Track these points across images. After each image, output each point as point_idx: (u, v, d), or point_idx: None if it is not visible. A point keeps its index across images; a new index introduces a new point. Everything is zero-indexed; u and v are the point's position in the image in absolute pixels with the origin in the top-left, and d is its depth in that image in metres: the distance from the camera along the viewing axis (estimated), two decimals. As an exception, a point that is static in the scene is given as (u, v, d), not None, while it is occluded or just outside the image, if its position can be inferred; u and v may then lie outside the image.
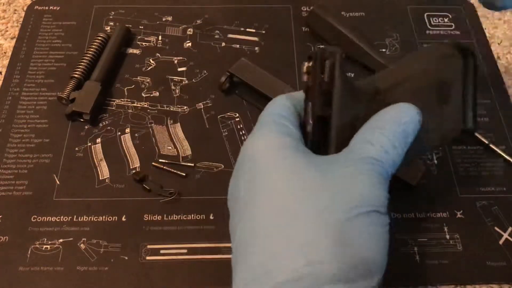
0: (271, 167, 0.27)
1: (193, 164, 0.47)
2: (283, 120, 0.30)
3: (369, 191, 0.27)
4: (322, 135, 0.29)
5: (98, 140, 0.48)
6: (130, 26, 0.56)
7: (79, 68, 0.51)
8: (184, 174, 0.46)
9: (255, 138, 0.30)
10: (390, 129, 0.29)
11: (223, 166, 0.47)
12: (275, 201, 0.26)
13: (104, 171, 0.46)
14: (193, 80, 0.53)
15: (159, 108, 0.51)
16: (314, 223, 0.25)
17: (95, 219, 0.44)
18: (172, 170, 0.46)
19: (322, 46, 0.30)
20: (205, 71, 0.53)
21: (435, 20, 0.59)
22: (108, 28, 0.57)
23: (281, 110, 0.30)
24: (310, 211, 0.25)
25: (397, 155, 0.29)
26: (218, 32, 0.57)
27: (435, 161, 0.47)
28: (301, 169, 0.27)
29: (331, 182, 0.26)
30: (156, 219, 0.44)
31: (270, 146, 0.28)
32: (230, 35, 0.57)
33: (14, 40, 0.56)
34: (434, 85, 0.33)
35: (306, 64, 0.30)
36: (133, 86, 0.52)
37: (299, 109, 0.31)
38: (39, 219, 0.44)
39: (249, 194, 0.28)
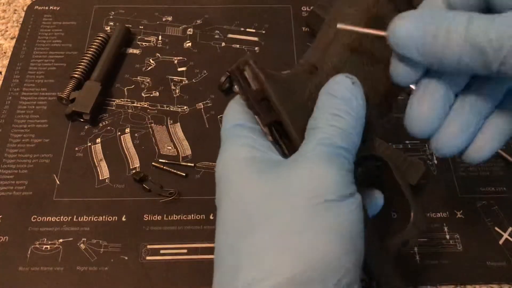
0: (237, 182, 0.27)
1: (193, 164, 0.47)
2: (241, 130, 0.29)
3: (317, 182, 0.25)
4: (284, 135, 0.29)
5: (98, 140, 0.48)
6: (130, 26, 0.56)
7: (79, 68, 0.51)
8: (184, 174, 0.46)
9: (221, 156, 0.29)
10: (325, 103, 0.28)
11: (223, 166, 0.47)
12: (237, 212, 0.26)
13: (104, 171, 0.46)
14: (193, 80, 0.53)
15: (159, 108, 0.51)
16: (270, 229, 0.25)
17: (95, 219, 0.44)
18: (172, 170, 0.46)
19: (235, 64, 0.29)
20: (205, 71, 0.53)
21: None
22: (108, 28, 0.57)
23: (237, 119, 0.30)
24: (264, 215, 0.25)
25: (344, 122, 0.27)
26: (218, 32, 0.57)
27: (435, 161, 0.48)
28: (263, 178, 0.27)
29: (286, 183, 0.26)
30: (156, 219, 0.44)
31: (234, 163, 0.28)
32: (230, 35, 0.57)
33: (14, 40, 0.56)
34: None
35: (235, 87, 0.30)
36: (133, 86, 0.52)
37: None
38: (39, 219, 0.44)
39: (218, 210, 0.28)
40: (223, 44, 0.56)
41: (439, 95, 0.26)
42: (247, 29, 0.57)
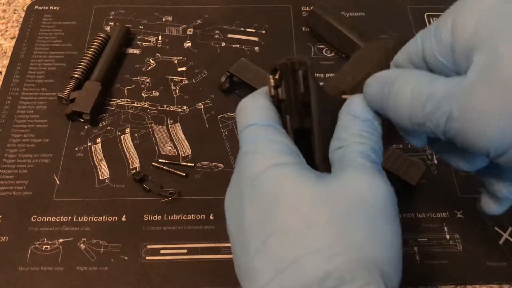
0: (291, 191, 0.26)
1: (193, 164, 0.47)
2: (271, 133, 0.28)
3: (366, 188, 0.26)
4: (303, 145, 0.29)
5: (98, 140, 0.48)
6: (130, 26, 0.56)
7: (79, 68, 0.51)
8: (184, 174, 0.46)
9: (250, 162, 0.28)
10: (348, 125, 0.28)
11: (223, 166, 0.47)
12: (296, 220, 0.26)
13: (104, 171, 0.46)
14: (193, 80, 0.53)
15: (159, 108, 0.51)
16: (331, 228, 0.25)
17: (95, 219, 0.44)
18: (172, 170, 0.46)
19: (288, 58, 0.29)
20: (205, 71, 0.53)
21: (435, 20, 0.58)
22: (108, 28, 0.57)
23: (262, 119, 0.29)
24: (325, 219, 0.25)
25: (371, 141, 0.28)
26: (218, 32, 0.57)
27: (435, 161, 0.47)
28: (307, 192, 0.26)
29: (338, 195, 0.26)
30: (156, 219, 0.44)
31: (269, 170, 0.27)
32: (230, 35, 0.57)
33: (14, 40, 0.56)
34: None
35: (271, 77, 0.29)
36: (133, 86, 0.52)
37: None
38: (39, 219, 0.44)
39: (265, 215, 0.26)
40: (223, 44, 0.56)
41: None
42: (247, 29, 0.57)
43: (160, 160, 0.47)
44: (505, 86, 0.22)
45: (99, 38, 0.53)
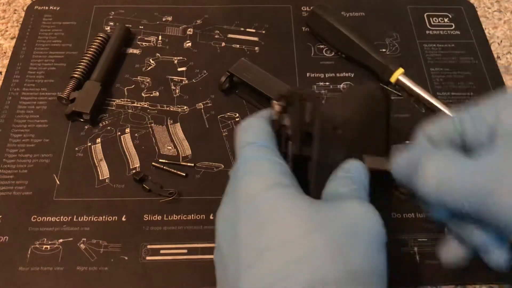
0: (278, 212, 0.27)
1: (193, 164, 0.47)
2: (272, 154, 0.29)
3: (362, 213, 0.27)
4: (299, 173, 0.30)
5: (98, 140, 0.48)
6: (130, 26, 0.56)
7: (79, 68, 0.51)
8: (184, 174, 0.46)
9: (251, 179, 0.28)
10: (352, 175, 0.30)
11: (223, 166, 0.47)
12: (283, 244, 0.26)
13: (104, 171, 0.46)
14: (193, 80, 0.53)
15: (159, 108, 0.51)
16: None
17: (95, 219, 0.44)
18: (172, 170, 0.46)
19: (296, 88, 0.31)
20: (205, 71, 0.53)
21: (435, 20, 0.59)
22: (108, 28, 0.57)
23: (265, 140, 0.30)
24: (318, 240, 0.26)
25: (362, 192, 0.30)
26: (218, 32, 0.57)
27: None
28: (306, 212, 0.27)
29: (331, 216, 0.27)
30: (156, 219, 0.44)
31: (270, 189, 0.27)
32: (230, 35, 0.57)
33: (14, 40, 0.56)
34: (367, 121, 0.37)
35: (277, 103, 0.30)
36: (133, 86, 0.52)
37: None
38: (39, 219, 0.44)
39: (256, 241, 0.26)
40: (223, 44, 0.56)
41: None
42: (247, 29, 0.57)
43: (160, 160, 0.47)
44: None
45: (99, 38, 0.54)
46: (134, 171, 0.46)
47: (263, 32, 0.57)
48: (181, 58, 0.55)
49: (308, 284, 0.24)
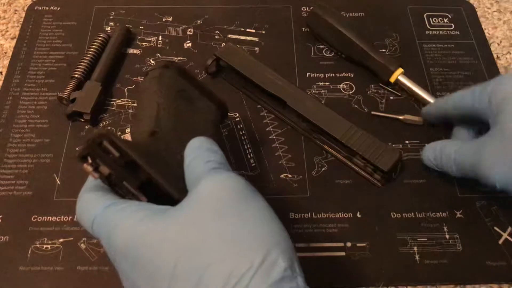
0: (145, 236, 0.27)
1: (193, 164, 0.47)
2: (117, 204, 0.29)
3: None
4: (156, 193, 0.29)
5: (99, 140, 0.48)
6: (131, 26, 0.56)
7: (80, 68, 0.51)
8: (184, 174, 0.46)
9: (117, 232, 0.28)
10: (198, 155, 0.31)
11: (223, 166, 0.47)
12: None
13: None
14: (193, 80, 0.53)
15: (159, 108, 0.51)
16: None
17: (96, 219, 0.44)
18: (172, 170, 0.46)
19: (87, 140, 0.29)
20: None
21: (435, 20, 0.59)
22: (109, 28, 0.57)
23: (103, 200, 0.30)
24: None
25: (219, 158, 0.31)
26: (218, 32, 0.57)
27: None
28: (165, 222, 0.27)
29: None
30: (156, 219, 0.44)
31: (131, 227, 0.27)
32: (230, 35, 0.57)
33: (15, 40, 0.56)
34: (176, 104, 0.37)
35: (85, 166, 0.29)
36: (133, 86, 0.52)
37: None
38: (39, 219, 0.44)
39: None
40: (223, 44, 0.56)
41: None
42: (247, 29, 0.57)
43: (160, 160, 0.47)
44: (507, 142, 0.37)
45: (99, 38, 0.54)
46: (134, 171, 0.46)
47: (263, 32, 0.57)
48: (181, 58, 0.55)
49: (223, 281, 0.24)
